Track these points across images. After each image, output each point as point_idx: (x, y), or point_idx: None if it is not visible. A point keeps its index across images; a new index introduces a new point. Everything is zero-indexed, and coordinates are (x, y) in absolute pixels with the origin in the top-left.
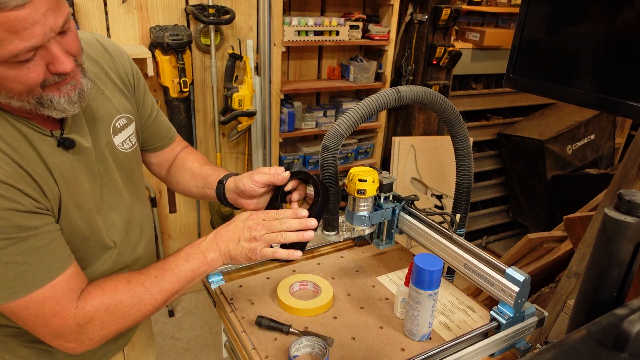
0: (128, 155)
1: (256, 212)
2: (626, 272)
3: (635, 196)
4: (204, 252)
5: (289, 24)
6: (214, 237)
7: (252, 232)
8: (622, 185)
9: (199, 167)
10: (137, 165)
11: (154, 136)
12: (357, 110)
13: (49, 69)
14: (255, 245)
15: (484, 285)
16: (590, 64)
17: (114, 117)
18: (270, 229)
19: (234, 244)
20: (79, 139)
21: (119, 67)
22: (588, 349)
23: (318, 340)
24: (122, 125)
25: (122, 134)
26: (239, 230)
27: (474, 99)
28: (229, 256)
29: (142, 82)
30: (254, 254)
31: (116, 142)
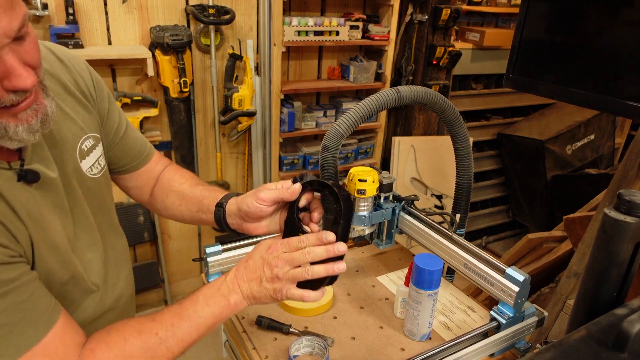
0: (98, 181)
1: (275, 242)
2: (626, 272)
3: (635, 196)
4: (226, 295)
5: (289, 24)
6: (235, 277)
7: (273, 271)
8: (622, 185)
9: (190, 188)
10: (107, 191)
11: (125, 154)
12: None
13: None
14: (280, 286)
15: (484, 285)
16: (590, 64)
17: (79, 138)
18: (293, 263)
19: (256, 285)
20: (43, 170)
21: (77, 78)
22: (588, 349)
23: (318, 340)
24: (89, 147)
25: (90, 157)
26: (259, 268)
27: (474, 99)
28: (252, 297)
29: (105, 92)
30: (280, 294)
31: (84, 168)
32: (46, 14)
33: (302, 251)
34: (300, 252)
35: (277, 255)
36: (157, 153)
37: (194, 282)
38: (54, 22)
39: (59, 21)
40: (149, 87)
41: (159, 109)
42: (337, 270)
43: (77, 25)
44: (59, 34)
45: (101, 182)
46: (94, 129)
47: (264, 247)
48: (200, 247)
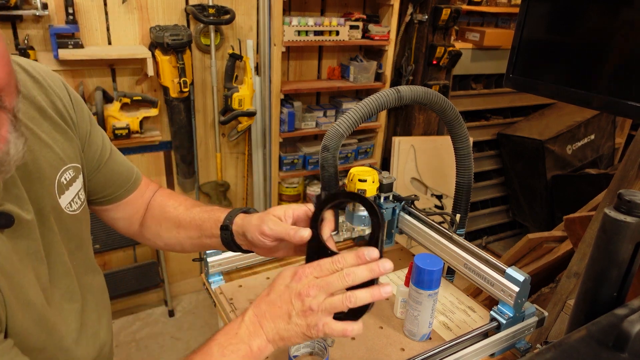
0: (77, 218)
1: (302, 267)
2: (626, 272)
3: (635, 196)
4: (246, 340)
5: (289, 24)
6: (255, 316)
7: (305, 302)
8: (622, 185)
9: (186, 212)
10: (86, 227)
11: (111, 182)
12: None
13: None
14: (315, 320)
15: (484, 285)
16: (590, 64)
17: (58, 170)
18: (329, 290)
19: (284, 323)
20: (16, 211)
21: (55, 99)
22: (588, 349)
23: (318, 340)
24: (69, 180)
25: (70, 191)
26: (286, 301)
27: (474, 99)
28: (279, 339)
29: (86, 113)
30: (315, 331)
31: (63, 204)
32: (46, 13)
33: (340, 274)
34: (338, 275)
35: (308, 282)
36: (145, 178)
37: (194, 282)
38: (53, 22)
39: (58, 21)
40: (148, 87)
41: (159, 109)
42: (385, 294)
43: (77, 25)
44: (58, 34)
45: (80, 219)
46: (75, 158)
47: (288, 274)
48: None
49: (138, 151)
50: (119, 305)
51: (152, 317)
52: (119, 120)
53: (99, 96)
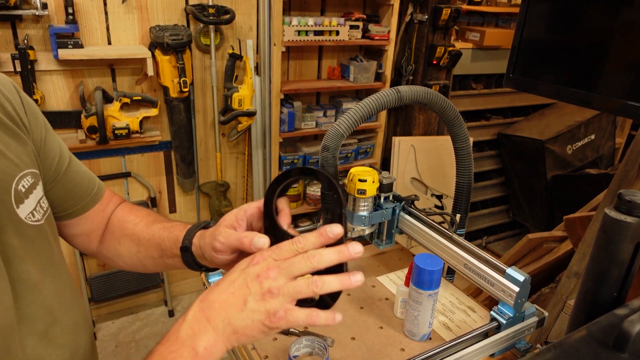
0: (41, 228)
1: (259, 252)
2: (626, 272)
3: (635, 196)
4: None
5: (289, 23)
6: (200, 311)
7: (264, 284)
8: (622, 185)
9: (146, 230)
10: (54, 238)
11: (71, 194)
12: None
13: None
14: (276, 305)
15: (484, 285)
16: (590, 64)
17: (14, 176)
18: (291, 272)
19: (236, 311)
20: None
21: (4, 102)
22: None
23: (318, 340)
24: (28, 187)
25: (30, 199)
26: (241, 285)
27: (474, 99)
28: (232, 332)
29: (40, 119)
30: (276, 319)
31: (22, 215)
32: (46, 13)
33: (304, 255)
34: (302, 257)
35: (267, 264)
36: (108, 190)
37: (194, 282)
38: (53, 21)
39: (58, 21)
40: (148, 87)
41: (159, 108)
42: (355, 282)
43: (77, 25)
44: (58, 34)
45: (46, 230)
46: (31, 164)
47: (244, 261)
48: None
49: (138, 151)
50: (119, 305)
51: (152, 317)
52: (119, 120)
53: (98, 96)
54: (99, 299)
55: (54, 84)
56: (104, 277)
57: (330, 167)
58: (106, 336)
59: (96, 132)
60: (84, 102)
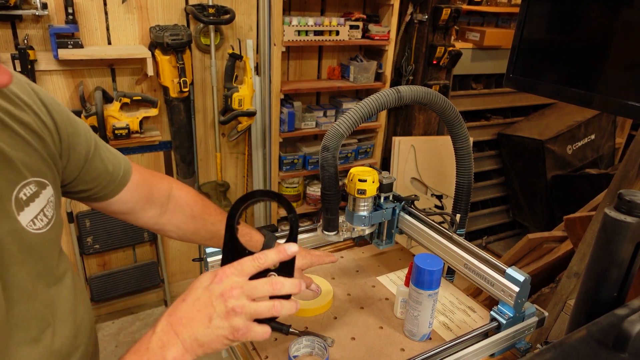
0: (43, 237)
1: (222, 268)
2: (626, 272)
3: (636, 196)
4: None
5: (289, 23)
6: (169, 325)
7: (228, 303)
8: (622, 185)
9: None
10: (57, 248)
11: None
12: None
13: None
14: (239, 323)
15: (484, 285)
16: (590, 64)
17: (16, 184)
18: (252, 294)
19: (202, 327)
20: None
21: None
22: (588, 349)
23: (318, 340)
24: (30, 196)
25: (31, 207)
26: (206, 303)
27: (474, 99)
28: (197, 346)
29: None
30: (239, 335)
31: (23, 222)
32: (46, 13)
33: (267, 281)
34: (265, 282)
35: (231, 283)
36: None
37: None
38: (53, 21)
39: (58, 21)
40: (148, 87)
41: (159, 108)
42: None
43: (77, 25)
44: (58, 34)
45: (48, 239)
46: (38, 172)
47: (207, 277)
48: (200, 247)
49: (138, 151)
50: (119, 305)
51: (152, 317)
52: (119, 120)
53: (98, 96)
54: (99, 299)
55: (54, 84)
56: (104, 277)
57: (330, 167)
58: (106, 336)
59: (96, 132)
60: (84, 102)
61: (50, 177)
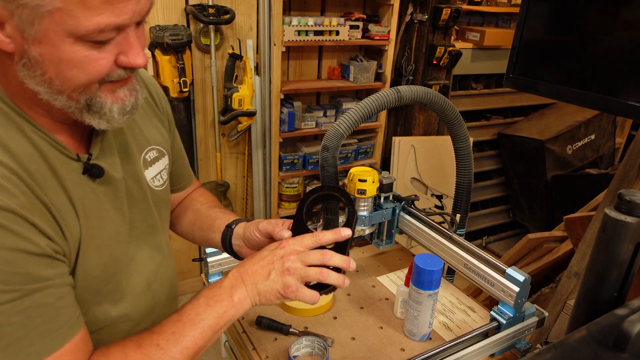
0: (159, 194)
1: (286, 240)
2: (626, 272)
3: (636, 196)
4: (228, 291)
5: (289, 23)
6: (238, 272)
7: (284, 263)
8: (622, 185)
9: (207, 209)
10: (166, 208)
11: (179, 177)
12: (357, 110)
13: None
14: (290, 281)
15: (484, 285)
16: (591, 64)
17: (144, 148)
18: (306, 260)
19: (262, 279)
20: (107, 168)
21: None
22: (588, 349)
23: (318, 340)
24: (152, 159)
25: (153, 168)
26: (268, 262)
27: (474, 99)
28: (256, 294)
29: (171, 116)
30: (289, 291)
31: (147, 177)
32: None
33: (320, 251)
34: (317, 252)
35: (290, 249)
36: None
37: (194, 282)
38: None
39: None
40: None
41: None
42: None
43: None
44: None
45: (162, 197)
46: (159, 143)
47: (274, 244)
48: (200, 247)
49: None
50: None
51: None
52: None
53: None
54: None
55: None
56: None
57: (330, 167)
58: None
59: None
60: None
61: (167, 148)
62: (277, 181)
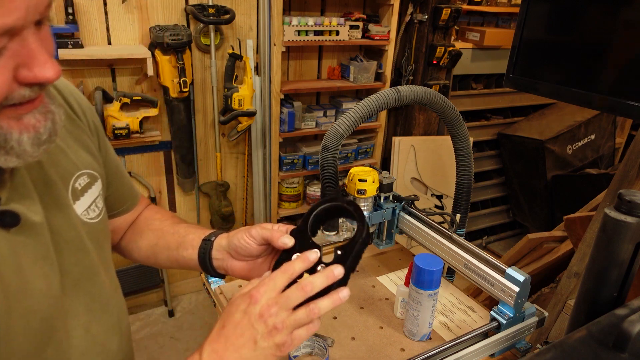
0: (95, 228)
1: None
2: (626, 272)
3: (636, 196)
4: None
5: (289, 23)
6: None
7: (268, 322)
8: (622, 185)
9: (171, 226)
10: (106, 242)
11: (120, 199)
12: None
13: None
14: (283, 338)
15: (484, 285)
16: (590, 64)
17: (71, 175)
18: (288, 305)
19: (249, 351)
20: (24, 212)
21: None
22: (588, 349)
23: (318, 340)
24: (84, 186)
25: (85, 197)
26: (247, 326)
27: (474, 99)
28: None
29: (101, 127)
30: (284, 349)
31: (78, 210)
32: None
33: (297, 286)
34: (296, 288)
35: (266, 302)
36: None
37: (194, 282)
38: (53, 21)
39: (58, 21)
40: (148, 87)
41: (159, 108)
42: (343, 299)
43: (77, 25)
44: (58, 34)
45: (100, 229)
46: (89, 165)
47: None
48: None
49: (138, 151)
50: None
51: (151, 317)
52: (119, 120)
53: (98, 96)
54: None
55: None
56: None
57: (330, 167)
58: None
59: None
60: None
61: (99, 170)
62: (277, 181)
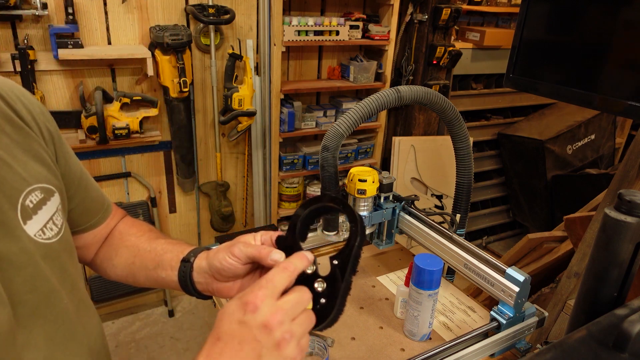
0: (54, 248)
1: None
2: (626, 272)
3: (636, 196)
4: None
5: (289, 23)
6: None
7: (274, 334)
8: (622, 185)
9: (148, 242)
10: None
11: (86, 212)
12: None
13: None
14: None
15: (484, 285)
16: (590, 64)
17: (20, 192)
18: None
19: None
20: None
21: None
22: (588, 349)
23: (318, 340)
24: (37, 203)
25: (39, 215)
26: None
27: (474, 99)
28: None
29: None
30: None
31: (31, 232)
32: (45, 13)
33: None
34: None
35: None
36: (113, 206)
37: None
38: (53, 22)
39: (58, 21)
40: (148, 87)
41: (159, 108)
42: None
43: (77, 25)
44: (58, 34)
45: (58, 249)
46: (43, 178)
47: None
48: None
49: (138, 151)
50: (119, 305)
51: (152, 317)
52: (119, 120)
53: (98, 96)
54: (99, 299)
55: (54, 84)
56: (104, 278)
57: (330, 167)
58: (106, 336)
59: (96, 132)
60: (84, 102)
61: (56, 182)
62: (277, 181)
